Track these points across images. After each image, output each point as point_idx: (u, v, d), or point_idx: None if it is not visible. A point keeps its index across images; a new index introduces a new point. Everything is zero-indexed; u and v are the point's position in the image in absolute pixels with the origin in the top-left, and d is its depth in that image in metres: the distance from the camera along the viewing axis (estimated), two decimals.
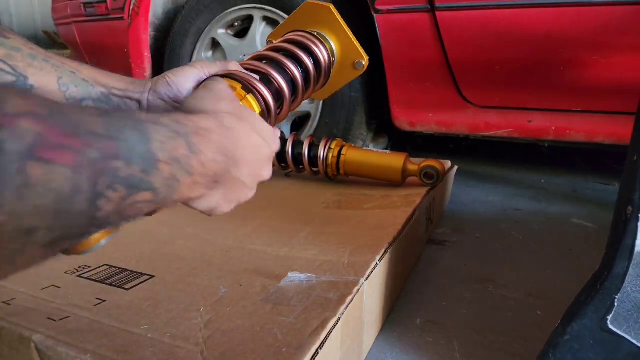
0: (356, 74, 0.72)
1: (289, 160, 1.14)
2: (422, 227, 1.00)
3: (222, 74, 0.52)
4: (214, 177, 0.38)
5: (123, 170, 0.28)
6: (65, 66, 0.50)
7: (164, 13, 1.66)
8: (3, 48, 0.47)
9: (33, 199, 0.23)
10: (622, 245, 0.49)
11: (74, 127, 0.26)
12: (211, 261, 0.73)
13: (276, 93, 0.56)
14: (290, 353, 0.50)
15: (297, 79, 0.60)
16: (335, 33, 0.69)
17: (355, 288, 0.62)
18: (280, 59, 0.59)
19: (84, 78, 0.51)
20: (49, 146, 0.24)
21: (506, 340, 0.73)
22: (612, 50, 1.04)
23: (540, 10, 1.06)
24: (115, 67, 1.72)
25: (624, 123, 1.11)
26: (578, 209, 1.28)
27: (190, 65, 0.54)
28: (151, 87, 0.53)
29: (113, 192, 0.27)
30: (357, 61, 0.70)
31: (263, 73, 0.56)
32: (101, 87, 0.52)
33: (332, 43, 0.69)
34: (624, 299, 0.49)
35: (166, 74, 0.53)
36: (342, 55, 0.70)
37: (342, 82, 0.73)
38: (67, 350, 0.51)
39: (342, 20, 0.68)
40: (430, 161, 1.06)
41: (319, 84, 0.68)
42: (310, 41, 0.65)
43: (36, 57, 0.49)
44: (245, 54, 1.48)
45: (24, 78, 0.47)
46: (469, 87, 1.21)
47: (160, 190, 0.31)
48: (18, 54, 0.47)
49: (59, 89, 0.49)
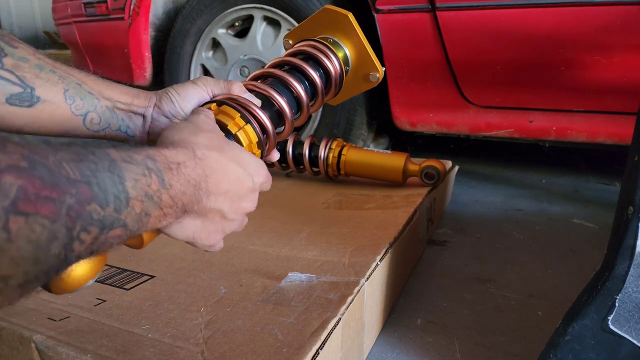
0: (370, 86, 0.71)
1: (290, 160, 1.14)
2: (423, 227, 1.00)
3: (222, 99, 0.52)
4: (183, 208, 0.38)
5: (97, 212, 0.29)
6: (71, 77, 0.51)
7: (165, 13, 1.66)
8: (11, 58, 0.47)
9: (13, 252, 0.24)
10: (623, 246, 0.49)
11: (52, 177, 0.27)
12: (211, 261, 0.73)
13: (277, 114, 0.56)
14: (291, 353, 0.50)
15: (302, 96, 0.60)
16: (351, 41, 0.68)
17: (356, 288, 0.62)
18: (285, 78, 0.59)
19: (90, 91, 0.52)
20: (30, 199, 0.25)
21: (507, 341, 0.73)
22: (614, 50, 1.04)
23: (541, 10, 1.06)
24: (116, 67, 1.73)
25: (625, 123, 1.11)
26: (579, 209, 1.28)
27: (195, 83, 0.55)
28: (155, 103, 0.54)
29: (87, 234, 0.29)
30: (372, 74, 0.69)
31: (265, 95, 0.56)
32: (106, 100, 0.52)
33: (347, 50, 0.69)
34: (625, 299, 0.49)
35: (170, 91, 0.54)
36: (356, 64, 0.70)
37: (355, 91, 0.73)
38: (67, 350, 0.51)
39: (359, 30, 0.67)
40: (431, 161, 1.06)
41: (329, 95, 0.67)
42: (321, 52, 0.64)
43: (43, 68, 0.49)
44: (245, 54, 1.48)
45: (30, 89, 0.48)
46: (469, 87, 1.21)
47: (131, 225, 0.33)
48: (25, 65, 0.48)
49: (65, 102, 0.50)
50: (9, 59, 0.47)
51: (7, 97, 0.47)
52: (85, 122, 0.52)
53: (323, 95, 0.64)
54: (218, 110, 0.51)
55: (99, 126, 0.52)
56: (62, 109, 0.50)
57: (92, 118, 0.52)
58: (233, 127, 0.50)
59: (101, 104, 0.52)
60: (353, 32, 0.68)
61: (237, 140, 0.50)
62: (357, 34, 0.68)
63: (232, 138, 0.50)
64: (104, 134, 0.53)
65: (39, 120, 0.49)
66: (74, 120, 0.51)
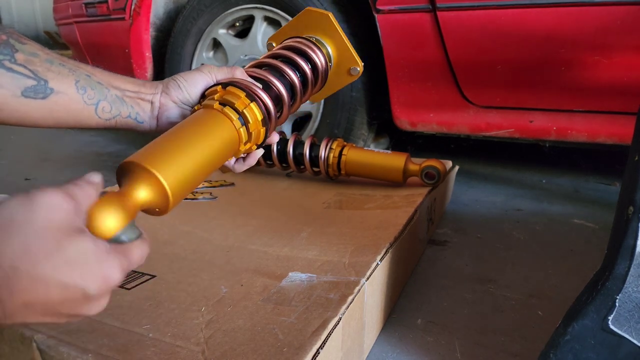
0: (351, 79, 0.76)
1: (290, 160, 1.14)
2: (423, 227, 1.00)
3: (227, 82, 0.56)
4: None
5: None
6: (80, 70, 0.53)
7: (165, 13, 1.66)
8: (22, 53, 0.49)
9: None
10: (623, 246, 0.49)
11: None
12: (212, 261, 0.73)
13: (276, 98, 0.60)
14: (291, 353, 0.50)
15: (296, 84, 0.64)
16: (332, 39, 0.73)
17: (356, 288, 0.62)
18: (280, 66, 0.63)
19: (99, 81, 0.54)
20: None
21: (507, 341, 0.73)
22: (614, 51, 1.04)
23: (541, 10, 1.06)
24: (117, 67, 1.73)
25: (625, 123, 1.11)
26: (579, 209, 1.28)
27: (200, 70, 0.58)
28: (163, 89, 0.56)
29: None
30: (353, 67, 0.74)
31: (264, 80, 0.60)
32: (115, 89, 0.55)
33: (329, 48, 0.73)
34: (625, 299, 0.49)
35: (177, 77, 0.57)
36: (338, 60, 0.74)
37: (338, 85, 0.77)
38: (68, 349, 0.51)
39: (339, 28, 0.72)
40: (431, 161, 1.06)
41: (316, 87, 0.71)
42: (308, 47, 0.68)
43: (53, 62, 0.51)
44: (246, 54, 1.49)
45: (44, 82, 0.50)
46: (470, 87, 1.21)
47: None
48: (36, 59, 0.50)
49: (77, 92, 0.52)
50: (20, 55, 0.49)
51: (22, 90, 0.49)
52: (97, 111, 0.53)
53: (312, 85, 0.68)
54: (224, 92, 0.54)
55: (110, 114, 0.54)
56: (75, 100, 0.52)
57: (104, 107, 0.54)
58: (240, 105, 0.53)
59: (111, 92, 0.54)
60: (334, 30, 0.72)
61: (244, 118, 0.53)
62: (337, 32, 0.72)
63: (240, 116, 0.53)
64: (114, 122, 0.55)
65: (54, 111, 0.51)
66: (86, 110, 0.53)
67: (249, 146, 0.56)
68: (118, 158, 1.93)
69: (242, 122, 0.53)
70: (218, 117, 0.52)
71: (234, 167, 0.61)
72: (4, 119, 0.49)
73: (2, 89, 0.47)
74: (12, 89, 0.48)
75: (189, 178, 0.45)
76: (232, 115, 0.52)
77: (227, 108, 0.53)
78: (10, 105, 0.48)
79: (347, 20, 1.33)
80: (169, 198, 0.42)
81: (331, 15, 0.72)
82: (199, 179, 0.47)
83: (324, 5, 1.31)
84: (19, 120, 0.50)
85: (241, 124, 0.53)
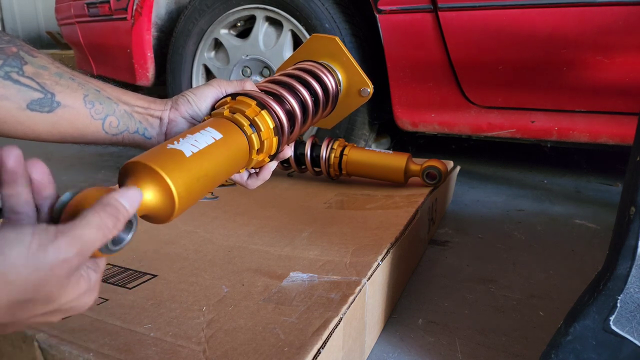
0: (362, 101, 0.75)
1: (292, 160, 1.14)
2: (424, 227, 1.00)
3: (237, 93, 0.54)
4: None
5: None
6: (89, 84, 0.52)
7: (167, 13, 1.66)
8: (31, 66, 0.49)
9: None
10: (625, 246, 0.49)
11: None
12: (213, 261, 0.73)
13: (288, 113, 0.58)
14: (292, 353, 0.50)
15: (308, 102, 0.62)
16: (340, 63, 0.73)
17: (357, 288, 0.63)
18: (292, 83, 0.62)
19: (108, 96, 0.53)
20: None
21: (508, 341, 0.73)
22: (616, 51, 1.04)
23: (543, 11, 1.06)
24: (118, 67, 1.73)
25: (627, 123, 1.11)
26: (581, 209, 1.27)
27: (209, 84, 0.57)
28: (172, 105, 0.55)
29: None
30: (363, 89, 0.74)
31: (276, 94, 0.58)
32: (124, 104, 0.54)
33: (338, 73, 0.73)
34: (627, 299, 0.49)
35: (186, 93, 0.56)
36: (348, 83, 0.74)
37: (348, 109, 0.77)
38: (70, 349, 0.51)
39: (347, 51, 0.73)
40: (432, 161, 1.06)
41: (327, 110, 0.71)
42: (319, 69, 0.68)
43: (63, 76, 0.50)
44: (247, 54, 1.49)
45: (51, 95, 0.49)
46: (471, 87, 1.21)
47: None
48: (45, 72, 0.49)
49: (85, 106, 0.51)
50: (29, 67, 0.48)
51: (28, 103, 0.48)
52: (104, 126, 0.53)
53: (324, 106, 0.68)
54: (234, 102, 0.53)
55: (117, 129, 0.53)
56: (82, 114, 0.51)
57: (111, 122, 0.53)
58: (251, 113, 0.52)
59: (120, 108, 0.53)
60: (341, 53, 0.73)
61: (255, 125, 0.52)
62: (345, 55, 0.73)
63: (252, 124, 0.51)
64: (121, 137, 0.54)
65: (58, 125, 0.50)
66: (93, 124, 0.52)
67: (262, 157, 0.54)
68: (119, 158, 1.94)
69: (254, 129, 0.51)
70: (228, 125, 0.50)
71: (247, 183, 0.59)
72: (8, 131, 0.49)
73: (7, 101, 0.47)
74: (18, 102, 0.47)
75: (197, 186, 0.42)
76: (242, 121, 0.51)
77: (238, 114, 0.51)
78: (15, 117, 0.48)
79: (349, 20, 1.33)
80: (175, 204, 0.39)
81: (337, 39, 0.73)
82: (207, 188, 0.45)
83: (325, 6, 1.31)
84: (23, 134, 0.49)
85: (252, 131, 0.51)
